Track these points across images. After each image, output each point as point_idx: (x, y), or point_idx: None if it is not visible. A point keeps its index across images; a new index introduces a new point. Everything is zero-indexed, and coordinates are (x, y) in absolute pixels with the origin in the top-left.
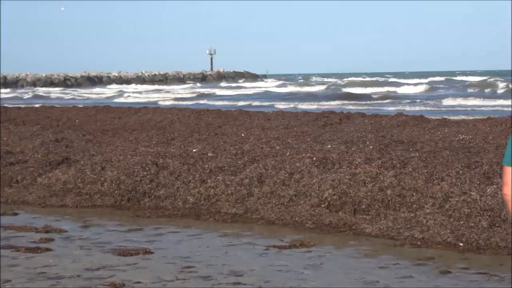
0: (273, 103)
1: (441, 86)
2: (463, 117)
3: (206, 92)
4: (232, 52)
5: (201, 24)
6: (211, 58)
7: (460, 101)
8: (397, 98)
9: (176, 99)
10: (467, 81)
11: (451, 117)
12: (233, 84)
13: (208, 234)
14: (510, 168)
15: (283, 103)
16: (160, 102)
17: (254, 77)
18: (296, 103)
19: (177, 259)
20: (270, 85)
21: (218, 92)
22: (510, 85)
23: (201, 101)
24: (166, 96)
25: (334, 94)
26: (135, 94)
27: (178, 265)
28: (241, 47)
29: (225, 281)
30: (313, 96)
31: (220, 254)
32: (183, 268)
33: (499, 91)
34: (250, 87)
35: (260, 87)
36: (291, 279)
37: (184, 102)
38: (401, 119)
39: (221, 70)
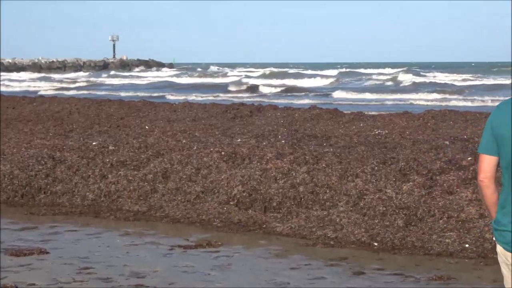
0: (164, 94)
1: (346, 79)
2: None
3: (95, 81)
4: (139, 40)
5: (104, 8)
6: (114, 45)
7: (350, 95)
8: (292, 90)
9: (61, 88)
10: (375, 73)
11: (369, 112)
12: (126, 73)
13: (108, 233)
14: (485, 155)
15: (178, 93)
16: (42, 92)
17: (159, 65)
18: (197, 94)
19: (74, 260)
20: (167, 74)
21: (108, 81)
22: (414, 79)
23: (85, 92)
24: (52, 85)
25: (222, 85)
26: (13, 83)
27: (75, 266)
28: (148, 34)
29: (126, 283)
30: (215, 87)
31: (121, 254)
32: (81, 269)
33: (403, 85)
34: (151, 76)
35: (160, 76)
36: (197, 281)
37: (69, 92)
38: (315, 112)
39: (124, 58)
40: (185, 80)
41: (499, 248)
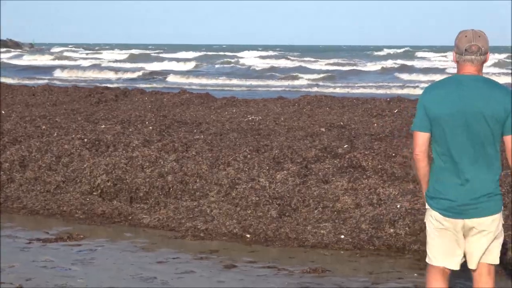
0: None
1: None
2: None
3: None
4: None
5: None
6: None
7: (184, 79)
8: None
9: None
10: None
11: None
12: None
13: None
14: (419, 132)
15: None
16: None
17: (17, 46)
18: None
19: None
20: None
21: None
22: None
23: None
24: None
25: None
26: None
27: None
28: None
29: None
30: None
31: None
32: None
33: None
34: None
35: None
36: (56, 276)
37: None
38: (185, 97)
39: None
40: (22, 62)
41: (433, 214)
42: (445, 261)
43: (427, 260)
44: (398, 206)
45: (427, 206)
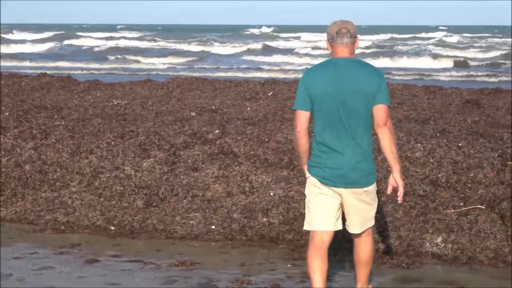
0: None
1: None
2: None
3: None
4: None
5: None
6: None
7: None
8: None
9: None
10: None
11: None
12: None
13: None
14: (301, 111)
15: None
16: None
17: None
18: None
19: None
20: None
21: None
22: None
23: None
24: None
25: None
26: None
27: None
28: None
29: None
30: None
31: None
32: None
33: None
34: None
35: None
36: None
37: None
38: (45, 80)
39: None
40: None
41: (313, 180)
42: (323, 224)
43: (306, 227)
44: (272, 194)
45: (307, 175)
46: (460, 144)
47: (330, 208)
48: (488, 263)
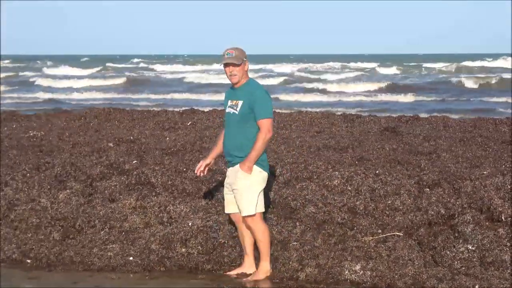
0: None
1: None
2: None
3: None
4: None
5: None
6: None
7: None
8: None
9: None
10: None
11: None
12: None
13: None
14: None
15: None
16: None
17: None
18: None
19: None
20: None
21: None
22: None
23: None
24: None
25: None
26: None
27: None
28: None
29: None
30: None
31: None
32: None
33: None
34: None
35: None
36: None
37: None
38: None
39: None
40: None
41: (265, 175)
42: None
43: (258, 210)
44: (190, 224)
45: (260, 170)
46: (378, 171)
47: None
48: None
